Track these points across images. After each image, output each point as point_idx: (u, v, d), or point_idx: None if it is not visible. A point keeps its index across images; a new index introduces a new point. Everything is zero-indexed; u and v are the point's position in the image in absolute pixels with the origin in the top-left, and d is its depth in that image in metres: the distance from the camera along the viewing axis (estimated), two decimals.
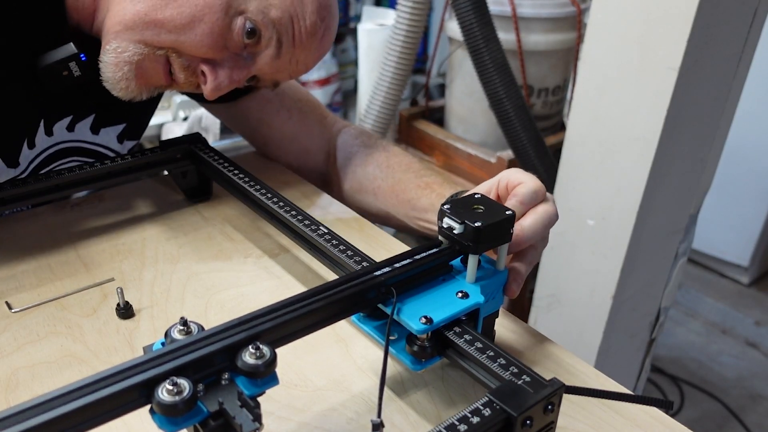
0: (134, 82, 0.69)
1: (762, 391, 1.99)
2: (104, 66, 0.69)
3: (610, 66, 1.14)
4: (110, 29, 0.67)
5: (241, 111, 0.91)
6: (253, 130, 0.94)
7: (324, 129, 0.93)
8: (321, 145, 0.92)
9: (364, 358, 0.59)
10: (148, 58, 0.68)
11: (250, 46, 0.69)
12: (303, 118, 0.92)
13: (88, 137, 0.83)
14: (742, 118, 1.45)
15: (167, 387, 0.39)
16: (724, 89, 1.17)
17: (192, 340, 0.42)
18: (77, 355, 0.58)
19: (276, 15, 0.67)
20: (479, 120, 1.68)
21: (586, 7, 1.55)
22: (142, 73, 0.69)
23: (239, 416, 0.39)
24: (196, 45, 0.67)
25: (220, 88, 0.70)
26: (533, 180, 0.59)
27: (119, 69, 0.68)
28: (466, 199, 0.55)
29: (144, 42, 0.67)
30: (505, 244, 0.55)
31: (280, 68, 0.72)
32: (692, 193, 1.28)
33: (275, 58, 0.70)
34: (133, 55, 0.67)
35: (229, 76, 0.70)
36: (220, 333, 0.43)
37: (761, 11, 1.13)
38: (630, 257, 1.22)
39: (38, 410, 0.36)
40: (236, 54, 0.70)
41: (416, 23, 1.65)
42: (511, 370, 0.48)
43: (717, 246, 2.41)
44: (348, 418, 0.53)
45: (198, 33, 0.66)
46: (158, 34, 0.66)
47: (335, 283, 0.50)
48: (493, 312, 0.57)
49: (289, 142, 0.92)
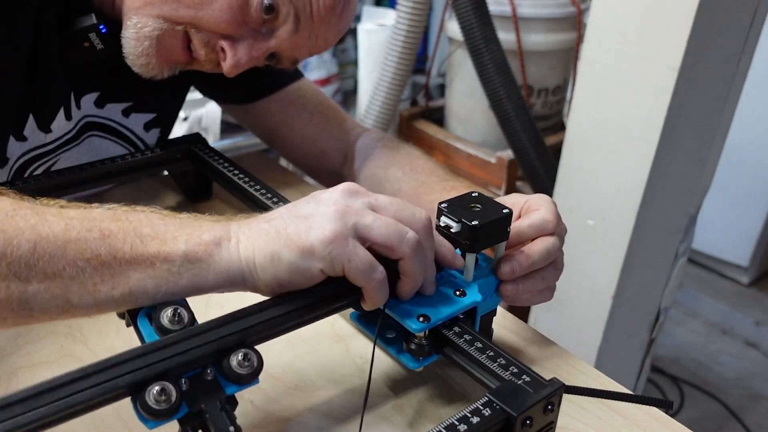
0: (155, 59, 0.70)
1: (762, 391, 1.99)
2: (125, 42, 0.70)
3: (610, 66, 1.14)
4: (131, 5, 0.68)
5: (262, 112, 0.91)
6: (272, 132, 0.94)
7: (343, 132, 0.92)
8: (339, 147, 0.92)
9: (363, 358, 0.59)
10: (168, 33, 0.68)
11: (269, 22, 0.69)
12: (324, 120, 0.92)
13: (117, 118, 0.83)
14: (742, 118, 1.45)
15: (155, 393, 0.40)
16: (724, 89, 1.17)
17: (184, 337, 0.42)
18: (77, 355, 0.58)
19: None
20: (479, 120, 1.68)
21: (586, 7, 1.55)
22: (162, 49, 0.69)
23: (219, 421, 0.41)
24: (215, 20, 0.67)
25: (239, 64, 0.70)
26: (549, 210, 0.59)
27: (140, 44, 0.69)
28: (464, 198, 0.55)
29: (163, 17, 0.67)
30: (503, 243, 0.55)
31: (299, 44, 0.72)
32: (692, 193, 1.28)
33: (294, 33, 0.70)
34: (153, 30, 0.68)
35: (249, 52, 0.70)
36: (212, 331, 0.44)
37: (761, 11, 1.13)
38: (630, 257, 1.22)
39: (25, 404, 0.37)
40: (255, 30, 0.70)
41: (416, 23, 1.65)
42: (511, 370, 0.48)
43: (717, 246, 2.41)
44: (348, 417, 0.53)
45: (216, 8, 0.66)
46: (176, 9, 0.67)
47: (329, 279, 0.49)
48: (491, 310, 0.57)
49: (309, 144, 0.92)
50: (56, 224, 0.44)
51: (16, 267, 0.42)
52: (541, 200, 0.60)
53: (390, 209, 0.49)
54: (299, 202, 0.50)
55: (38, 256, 0.42)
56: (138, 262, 0.44)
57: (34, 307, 0.43)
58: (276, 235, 0.47)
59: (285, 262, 0.46)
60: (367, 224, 0.47)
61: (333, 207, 0.47)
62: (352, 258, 0.46)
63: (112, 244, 0.44)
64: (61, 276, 0.43)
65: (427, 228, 0.50)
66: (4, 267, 0.42)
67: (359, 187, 0.51)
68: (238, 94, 0.91)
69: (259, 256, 0.46)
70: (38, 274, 0.42)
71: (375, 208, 0.49)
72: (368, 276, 0.47)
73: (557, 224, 0.59)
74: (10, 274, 0.42)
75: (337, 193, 0.49)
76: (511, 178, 1.60)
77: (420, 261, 0.49)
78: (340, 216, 0.47)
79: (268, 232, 0.47)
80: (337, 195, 0.49)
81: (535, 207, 0.60)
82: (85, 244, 0.43)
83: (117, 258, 0.44)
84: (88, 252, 0.43)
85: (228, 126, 1.74)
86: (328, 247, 0.46)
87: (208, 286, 0.46)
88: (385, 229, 0.47)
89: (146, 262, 0.44)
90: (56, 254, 0.43)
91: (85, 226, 0.44)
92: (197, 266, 0.45)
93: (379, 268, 0.48)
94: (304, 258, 0.46)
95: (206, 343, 0.43)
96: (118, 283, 0.44)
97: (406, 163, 0.83)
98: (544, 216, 0.58)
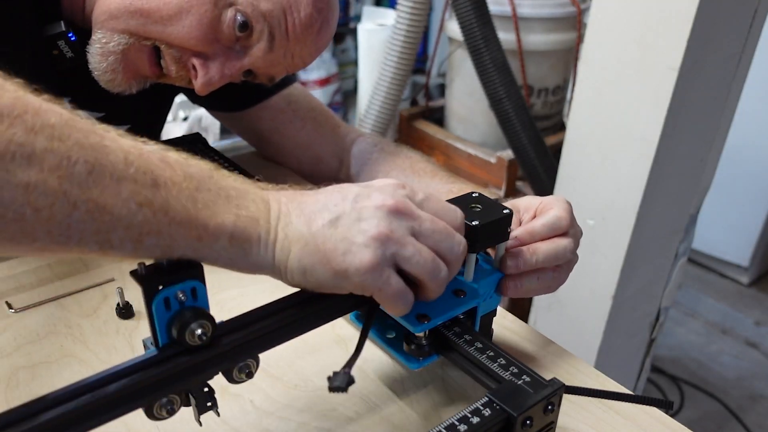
0: (121, 74, 0.69)
1: (762, 391, 1.99)
2: (91, 57, 0.68)
3: (610, 66, 1.14)
4: (97, 19, 0.67)
5: (253, 120, 0.90)
6: (264, 139, 0.93)
7: (337, 137, 0.91)
8: (334, 152, 0.91)
9: (363, 358, 0.59)
10: (134, 47, 0.67)
11: (243, 39, 0.67)
12: (317, 126, 0.91)
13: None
14: (742, 118, 1.45)
15: (165, 408, 0.41)
16: (724, 89, 1.17)
17: (202, 359, 0.42)
18: (77, 355, 0.58)
19: (266, 7, 0.65)
20: (479, 120, 1.68)
21: (586, 7, 1.55)
22: (127, 63, 0.68)
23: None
24: (185, 37, 0.65)
25: (211, 83, 0.69)
26: (563, 209, 0.58)
27: (105, 59, 0.67)
28: (464, 198, 0.55)
29: (129, 32, 0.66)
30: (503, 243, 0.55)
31: (274, 62, 0.70)
32: (692, 193, 1.28)
33: (268, 51, 0.68)
34: (118, 45, 0.66)
35: (220, 70, 0.68)
36: (225, 354, 0.44)
37: (761, 11, 1.13)
38: (630, 257, 1.22)
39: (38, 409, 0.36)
40: (228, 47, 0.68)
41: (416, 23, 1.65)
42: (511, 371, 0.48)
43: (717, 246, 2.41)
44: (348, 418, 0.53)
45: (186, 25, 0.65)
46: (144, 25, 0.65)
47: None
48: (491, 310, 0.57)
49: (302, 150, 0.91)
50: (114, 154, 0.39)
51: (67, 185, 0.36)
52: (556, 200, 0.60)
53: (431, 239, 0.47)
54: (343, 198, 0.47)
55: (93, 182, 0.37)
56: (187, 228, 0.41)
57: (72, 235, 0.38)
58: (314, 249, 0.44)
59: (316, 277, 0.45)
60: (406, 257, 0.45)
61: (376, 230, 0.45)
62: (384, 288, 0.45)
63: (166, 198, 0.40)
64: (111, 212, 0.38)
65: (461, 259, 0.49)
66: (55, 180, 0.36)
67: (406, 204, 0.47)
68: (227, 102, 0.90)
69: (292, 262, 0.45)
70: (87, 202, 0.37)
71: (418, 234, 0.47)
72: (397, 304, 0.46)
73: (571, 223, 0.58)
74: (60, 190, 0.36)
75: (383, 211, 0.46)
76: (511, 178, 1.60)
77: (442, 289, 0.49)
78: (381, 244, 0.44)
79: (307, 240, 0.44)
80: (382, 213, 0.46)
81: (549, 207, 0.59)
82: (141, 188, 0.39)
83: (169, 215, 0.40)
84: (142, 197, 0.39)
85: None
86: (363, 276, 0.44)
87: (238, 268, 0.45)
88: (422, 266, 0.46)
89: (193, 232, 0.41)
90: (110, 186, 0.38)
91: (141, 166, 0.40)
92: (237, 251, 0.43)
93: (409, 296, 0.47)
94: (337, 278, 0.45)
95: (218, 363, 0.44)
96: (162, 240, 0.40)
97: (407, 167, 0.82)
98: (558, 214, 0.58)
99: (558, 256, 0.57)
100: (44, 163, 0.36)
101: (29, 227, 0.36)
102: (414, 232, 0.46)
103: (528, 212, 0.61)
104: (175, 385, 0.41)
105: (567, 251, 0.57)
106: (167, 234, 0.40)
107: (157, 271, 0.40)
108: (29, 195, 0.35)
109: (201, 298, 0.42)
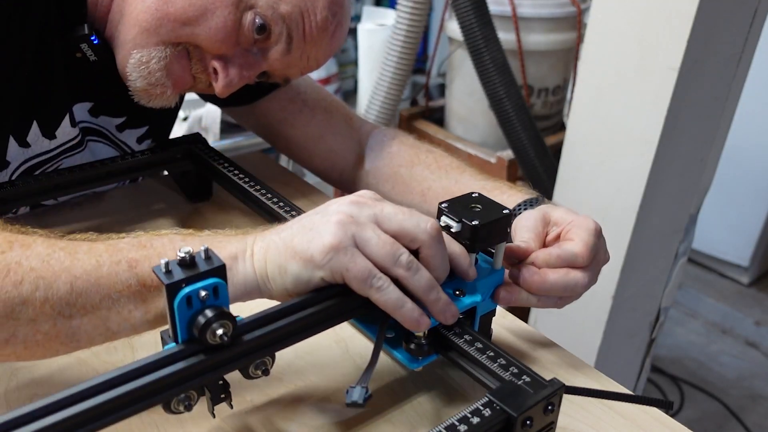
0: (170, 89, 0.70)
1: (762, 391, 1.99)
2: (134, 82, 0.69)
3: (610, 66, 1.14)
4: (128, 36, 0.67)
5: (262, 112, 0.90)
6: (275, 131, 0.91)
7: (351, 129, 0.89)
8: (349, 145, 0.88)
9: (363, 358, 0.59)
10: (172, 57, 0.68)
11: (260, 42, 0.68)
12: (328, 117, 0.89)
13: (112, 130, 0.82)
14: (742, 118, 1.44)
15: (183, 404, 0.42)
16: (724, 89, 1.17)
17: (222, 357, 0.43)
18: (77, 355, 0.58)
19: (286, 10, 0.67)
20: (479, 120, 1.68)
21: (586, 7, 1.55)
22: (173, 75, 0.69)
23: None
24: (211, 38, 0.66)
25: (231, 85, 0.70)
26: (584, 244, 0.57)
27: (152, 77, 0.68)
28: (464, 198, 0.55)
29: (162, 42, 0.67)
30: (503, 243, 0.55)
31: (291, 64, 0.71)
32: (692, 193, 1.28)
33: (285, 53, 0.69)
34: (159, 61, 0.67)
35: (240, 72, 0.69)
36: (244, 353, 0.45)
37: (761, 11, 1.13)
38: (630, 257, 1.22)
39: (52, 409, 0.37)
40: (246, 50, 0.69)
41: (416, 23, 1.65)
42: (511, 371, 0.48)
43: (717, 246, 2.41)
44: (348, 418, 0.53)
45: (212, 26, 0.66)
46: (174, 30, 0.66)
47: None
48: (491, 310, 0.57)
49: (314, 142, 0.89)
50: (88, 262, 0.47)
51: (59, 307, 0.46)
52: (582, 230, 0.58)
53: (394, 220, 0.49)
54: (309, 213, 0.51)
55: (76, 295, 0.46)
56: None
57: (80, 338, 0.47)
58: (284, 248, 0.48)
59: (290, 274, 0.48)
60: (365, 238, 0.47)
61: (336, 217, 0.48)
62: (350, 267, 0.47)
63: (140, 274, 0.47)
64: (98, 309, 0.47)
65: (433, 237, 0.49)
66: (48, 308, 0.46)
67: (370, 197, 0.51)
68: (236, 96, 0.89)
69: (270, 267, 0.48)
70: (79, 310, 0.46)
71: (379, 220, 0.49)
72: (366, 284, 0.47)
73: (589, 259, 0.57)
74: (55, 313, 0.46)
75: (345, 204, 0.49)
76: (511, 178, 1.60)
77: (418, 280, 0.48)
78: (341, 226, 0.47)
79: (277, 244, 0.49)
80: (343, 205, 0.49)
81: (573, 236, 0.58)
82: (116, 278, 0.47)
83: (146, 285, 0.47)
84: (120, 284, 0.47)
85: (228, 126, 1.74)
86: (327, 255, 0.46)
87: (230, 292, 0.47)
88: (380, 249, 0.47)
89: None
90: (91, 291, 0.46)
91: (114, 259, 0.47)
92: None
93: (378, 275, 0.47)
94: (307, 268, 0.47)
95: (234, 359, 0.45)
96: (150, 307, 0.48)
97: (431, 161, 0.80)
98: (575, 251, 0.57)
99: (567, 288, 0.57)
100: (36, 302, 0.45)
101: (47, 344, 0.47)
102: (376, 218, 0.49)
103: (555, 228, 0.60)
104: (194, 381, 0.42)
105: (578, 286, 0.57)
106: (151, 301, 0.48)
107: (180, 270, 0.41)
108: (36, 326, 0.46)
109: (222, 297, 0.42)
